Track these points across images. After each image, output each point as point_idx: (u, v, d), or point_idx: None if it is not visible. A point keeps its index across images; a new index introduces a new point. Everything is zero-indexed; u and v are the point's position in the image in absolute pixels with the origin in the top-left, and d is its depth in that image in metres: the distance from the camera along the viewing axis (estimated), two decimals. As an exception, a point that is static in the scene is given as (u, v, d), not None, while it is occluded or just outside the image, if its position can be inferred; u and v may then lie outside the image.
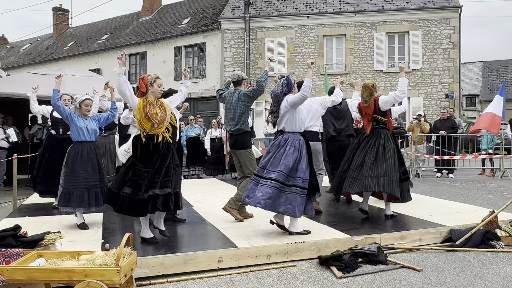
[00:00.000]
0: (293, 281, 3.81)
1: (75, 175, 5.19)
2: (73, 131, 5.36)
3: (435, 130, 11.90)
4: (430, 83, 19.46)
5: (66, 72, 10.97)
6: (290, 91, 4.98)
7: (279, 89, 4.96)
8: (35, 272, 3.26)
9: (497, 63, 40.07)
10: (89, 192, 5.20)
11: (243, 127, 5.65)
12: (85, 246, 4.37)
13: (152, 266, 3.91)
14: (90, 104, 5.46)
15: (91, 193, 5.22)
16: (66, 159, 5.33)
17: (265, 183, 4.69)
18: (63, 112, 5.34)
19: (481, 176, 11.93)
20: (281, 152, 4.77)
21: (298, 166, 4.72)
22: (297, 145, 4.79)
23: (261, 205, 4.63)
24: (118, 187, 4.41)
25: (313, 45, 20.46)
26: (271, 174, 4.70)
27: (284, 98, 4.93)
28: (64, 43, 29.97)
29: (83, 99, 5.40)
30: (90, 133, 5.38)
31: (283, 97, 4.93)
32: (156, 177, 4.39)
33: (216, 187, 9.26)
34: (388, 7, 19.96)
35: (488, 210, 5.48)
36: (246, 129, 5.69)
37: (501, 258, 4.40)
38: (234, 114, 5.67)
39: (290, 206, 4.63)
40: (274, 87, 5.04)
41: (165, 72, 22.87)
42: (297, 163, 4.72)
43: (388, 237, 4.76)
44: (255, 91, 5.57)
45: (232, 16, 21.21)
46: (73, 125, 5.31)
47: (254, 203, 4.69)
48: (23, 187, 9.46)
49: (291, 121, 4.88)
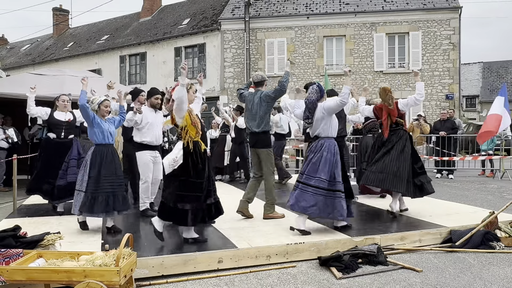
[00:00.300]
0: (293, 281, 3.81)
1: (101, 179, 4.95)
2: (96, 133, 5.06)
3: (435, 131, 11.90)
4: (430, 84, 19.47)
5: (66, 72, 10.98)
6: (322, 97, 5.11)
7: (314, 96, 5.08)
8: (34, 273, 3.25)
9: (497, 64, 40.08)
10: (114, 196, 4.99)
11: (266, 128, 5.82)
12: (85, 246, 4.36)
13: (152, 266, 3.91)
14: (109, 105, 5.26)
15: (117, 197, 5.01)
16: (89, 163, 5.01)
17: (308, 190, 4.84)
18: (90, 114, 5.03)
19: (481, 177, 11.93)
20: (319, 158, 4.90)
21: (336, 170, 4.87)
22: (332, 150, 4.94)
23: (308, 213, 4.83)
24: (174, 202, 4.35)
25: (313, 46, 20.47)
26: (311, 181, 4.85)
27: (319, 105, 5.05)
28: (64, 44, 29.99)
29: (102, 100, 5.17)
30: (112, 135, 5.20)
31: (317, 104, 5.06)
32: (209, 186, 4.53)
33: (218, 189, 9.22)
34: (388, 8, 19.97)
35: (488, 211, 5.47)
36: (268, 129, 5.87)
37: (501, 259, 4.39)
38: (256, 115, 5.78)
39: (336, 211, 4.79)
40: (308, 95, 5.14)
41: (165, 73, 22.90)
42: (334, 168, 4.87)
43: (388, 238, 4.76)
44: (277, 91, 5.71)
45: (232, 17, 21.22)
46: (97, 127, 5.04)
47: (302, 211, 4.84)
48: (23, 188, 9.44)
49: (326, 127, 5.03)
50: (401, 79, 19.77)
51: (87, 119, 5.07)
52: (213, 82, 21.55)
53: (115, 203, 4.98)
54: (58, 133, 6.32)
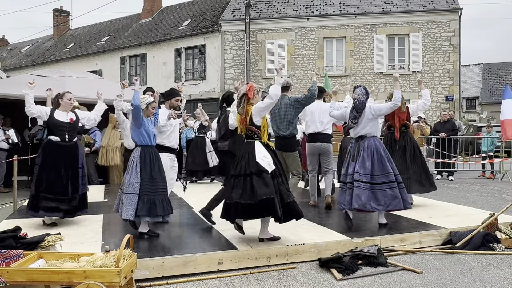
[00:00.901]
0: (293, 283, 3.81)
1: (154, 182, 4.82)
2: (142, 134, 4.89)
3: (435, 132, 11.91)
4: (430, 86, 19.48)
5: (67, 73, 11.01)
6: (367, 99, 5.39)
7: (363, 97, 5.33)
8: (35, 274, 3.26)
9: (497, 66, 40.09)
10: (164, 199, 4.88)
11: (294, 132, 6.13)
12: (85, 247, 4.36)
13: (152, 267, 3.91)
14: (155, 106, 5.15)
15: (165, 200, 4.91)
16: (139, 164, 4.83)
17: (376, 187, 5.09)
18: (141, 115, 4.88)
19: (481, 178, 11.92)
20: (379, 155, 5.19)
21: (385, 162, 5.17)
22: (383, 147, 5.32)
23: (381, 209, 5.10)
24: (259, 196, 4.28)
25: (313, 47, 20.50)
26: (379, 178, 5.11)
27: (367, 106, 5.31)
28: (64, 45, 30.02)
29: (150, 101, 5.02)
30: (155, 136, 5.10)
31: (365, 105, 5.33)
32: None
33: (216, 190, 9.22)
34: (388, 9, 20.00)
35: (488, 213, 5.47)
36: (295, 133, 6.20)
37: (501, 261, 4.39)
38: (285, 119, 6.07)
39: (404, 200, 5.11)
40: (358, 96, 5.33)
41: (165, 74, 22.92)
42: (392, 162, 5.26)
43: (388, 239, 4.76)
44: (308, 98, 5.96)
45: (232, 18, 21.25)
46: (144, 128, 4.88)
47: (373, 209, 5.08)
48: (23, 189, 9.45)
49: (375, 127, 5.37)
50: (401, 80, 19.77)
51: (136, 120, 4.86)
52: (214, 83, 21.57)
53: (167, 206, 4.89)
54: (61, 136, 5.52)
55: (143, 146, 4.92)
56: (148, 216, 4.76)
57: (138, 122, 4.86)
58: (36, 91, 5.97)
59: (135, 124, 4.92)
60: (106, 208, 6.72)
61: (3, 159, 9.44)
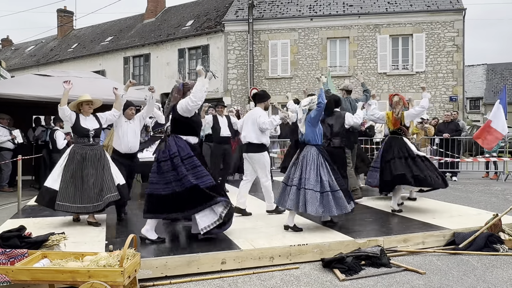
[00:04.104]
0: (296, 283, 3.82)
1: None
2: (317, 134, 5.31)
3: (438, 132, 11.88)
4: (433, 86, 19.43)
5: (70, 73, 11.02)
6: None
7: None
8: (39, 273, 3.28)
9: (501, 66, 39.90)
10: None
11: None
12: (89, 247, 4.38)
13: (156, 267, 3.92)
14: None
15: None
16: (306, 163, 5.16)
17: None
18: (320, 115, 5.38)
19: (485, 179, 11.88)
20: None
21: None
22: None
23: None
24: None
25: (317, 48, 20.47)
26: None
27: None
28: (68, 45, 30.10)
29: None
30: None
31: None
32: None
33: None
34: (392, 9, 19.95)
35: (491, 213, 5.46)
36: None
37: (504, 262, 4.39)
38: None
39: None
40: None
41: (168, 74, 22.94)
42: None
43: (391, 240, 4.76)
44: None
45: (235, 18, 21.26)
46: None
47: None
48: (27, 188, 9.49)
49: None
50: (405, 81, 19.75)
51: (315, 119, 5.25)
52: (217, 84, 21.57)
53: None
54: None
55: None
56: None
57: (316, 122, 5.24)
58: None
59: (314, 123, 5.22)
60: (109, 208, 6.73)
61: (8, 158, 9.49)
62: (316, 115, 5.18)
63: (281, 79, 20.61)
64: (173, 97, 4.74)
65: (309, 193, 4.91)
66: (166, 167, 4.54)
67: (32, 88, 9.37)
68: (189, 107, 4.61)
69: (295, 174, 5.10)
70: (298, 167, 5.12)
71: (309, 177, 4.99)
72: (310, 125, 5.18)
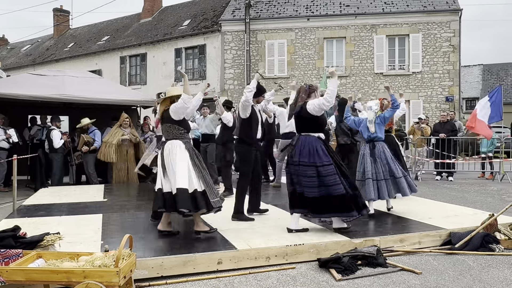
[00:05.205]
0: (292, 283, 3.81)
1: None
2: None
3: (434, 133, 11.92)
4: (430, 86, 19.49)
5: (66, 73, 10.99)
6: None
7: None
8: (34, 273, 3.26)
9: (497, 66, 40.06)
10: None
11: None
12: (84, 247, 4.36)
13: (151, 267, 3.90)
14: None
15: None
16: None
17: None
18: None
19: (481, 179, 11.92)
20: None
21: None
22: None
23: None
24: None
25: (314, 48, 20.49)
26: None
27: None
28: (64, 44, 30.01)
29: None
30: None
31: None
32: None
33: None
34: (389, 10, 20.00)
35: (487, 213, 5.48)
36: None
37: (500, 261, 4.40)
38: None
39: None
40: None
41: (165, 74, 22.91)
42: None
43: (387, 239, 4.76)
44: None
45: (232, 18, 21.24)
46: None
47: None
48: (23, 188, 9.45)
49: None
50: (401, 81, 19.79)
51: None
52: (213, 83, 21.54)
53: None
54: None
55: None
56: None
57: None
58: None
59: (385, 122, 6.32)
60: (105, 207, 6.72)
61: (3, 158, 9.45)
62: (390, 115, 6.11)
63: (277, 79, 20.54)
64: (300, 97, 5.19)
65: (400, 180, 5.98)
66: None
67: (28, 87, 9.33)
68: (324, 106, 4.93)
69: (379, 169, 5.95)
70: (381, 162, 5.97)
71: (396, 167, 6.00)
72: (381, 124, 6.05)
